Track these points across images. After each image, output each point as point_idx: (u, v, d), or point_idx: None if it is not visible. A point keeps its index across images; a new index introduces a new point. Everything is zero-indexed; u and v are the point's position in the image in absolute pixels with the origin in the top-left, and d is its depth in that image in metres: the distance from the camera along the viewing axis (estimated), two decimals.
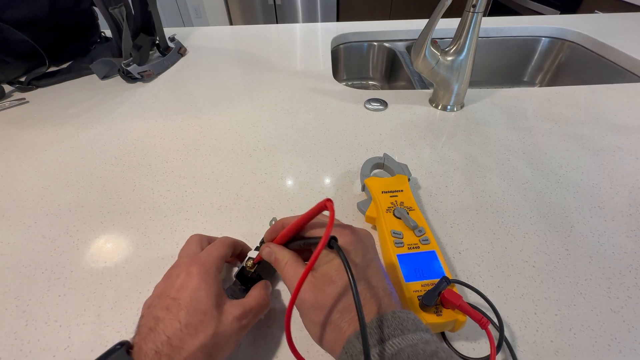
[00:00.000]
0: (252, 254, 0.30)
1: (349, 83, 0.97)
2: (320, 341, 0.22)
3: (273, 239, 0.27)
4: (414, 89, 0.71)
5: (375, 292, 0.22)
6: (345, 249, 0.23)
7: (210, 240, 0.30)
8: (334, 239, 0.22)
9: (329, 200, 0.22)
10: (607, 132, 0.51)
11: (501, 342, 0.26)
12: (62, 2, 0.69)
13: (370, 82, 0.98)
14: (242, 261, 0.31)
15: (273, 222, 0.33)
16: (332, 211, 0.21)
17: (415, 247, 0.30)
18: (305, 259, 0.25)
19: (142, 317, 0.23)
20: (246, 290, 0.29)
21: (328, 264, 0.23)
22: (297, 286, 0.21)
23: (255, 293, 0.26)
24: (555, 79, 0.91)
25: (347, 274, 0.20)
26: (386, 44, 0.90)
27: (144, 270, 0.34)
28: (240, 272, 0.29)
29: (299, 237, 0.26)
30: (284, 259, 0.25)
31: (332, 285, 0.22)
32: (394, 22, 0.92)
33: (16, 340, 0.28)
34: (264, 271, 0.30)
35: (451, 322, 0.26)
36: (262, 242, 0.31)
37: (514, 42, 0.90)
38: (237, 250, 0.30)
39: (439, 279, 0.26)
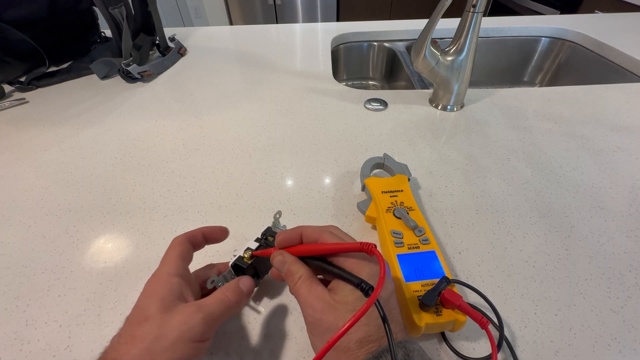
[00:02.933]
0: (252, 245, 0.29)
1: (349, 83, 0.97)
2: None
3: (285, 247, 0.26)
4: (414, 89, 0.71)
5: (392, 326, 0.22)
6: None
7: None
8: (371, 288, 0.21)
9: (375, 246, 0.21)
10: (607, 132, 0.51)
11: (501, 342, 0.26)
12: (62, 2, 0.69)
13: (370, 82, 0.98)
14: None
15: (278, 216, 0.32)
16: (383, 266, 0.20)
17: (415, 247, 0.30)
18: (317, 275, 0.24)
19: None
20: None
21: (347, 290, 0.22)
22: (331, 342, 0.19)
23: (220, 293, 0.24)
24: (555, 79, 0.91)
25: (388, 336, 0.20)
26: (386, 44, 0.90)
27: (144, 270, 0.34)
28: (236, 262, 0.28)
29: (322, 260, 0.25)
30: (299, 273, 0.24)
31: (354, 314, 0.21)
32: (394, 22, 0.92)
33: (16, 340, 0.28)
34: (260, 265, 0.29)
35: (451, 322, 0.26)
36: (264, 236, 0.30)
37: (514, 42, 0.90)
38: (199, 239, 0.28)
39: (439, 279, 0.26)
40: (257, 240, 0.30)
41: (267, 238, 0.30)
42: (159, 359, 0.20)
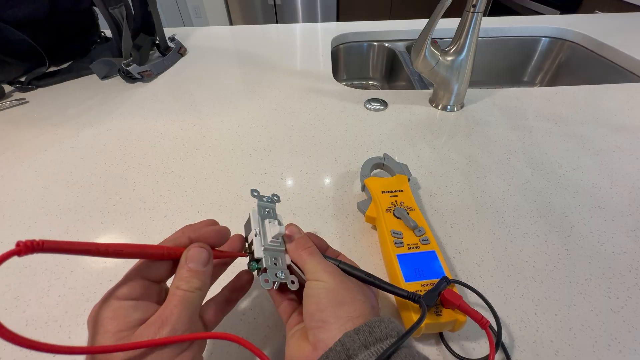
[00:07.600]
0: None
1: (349, 83, 0.97)
2: (319, 326, 0.20)
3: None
4: (414, 89, 0.71)
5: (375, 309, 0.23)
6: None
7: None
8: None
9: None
10: (607, 132, 0.51)
11: (498, 346, 0.26)
12: (62, 2, 0.69)
13: (370, 82, 0.98)
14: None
15: (255, 194, 0.27)
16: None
17: (415, 247, 0.30)
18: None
19: None
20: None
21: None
22: None
23: (173, 290, 0.20)
24: (555, 79, 0.91)
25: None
26: (386, 44, 0.90)
27: None
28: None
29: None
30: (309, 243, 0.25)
31: (361, 294, 0.23)
32: (394, 22, 0.92)
33: None
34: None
35: (451, 322, 0.26)
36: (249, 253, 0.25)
37: (514, 42, 0.90)
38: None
39: (439, 279, 0.26)
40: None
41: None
42: None
